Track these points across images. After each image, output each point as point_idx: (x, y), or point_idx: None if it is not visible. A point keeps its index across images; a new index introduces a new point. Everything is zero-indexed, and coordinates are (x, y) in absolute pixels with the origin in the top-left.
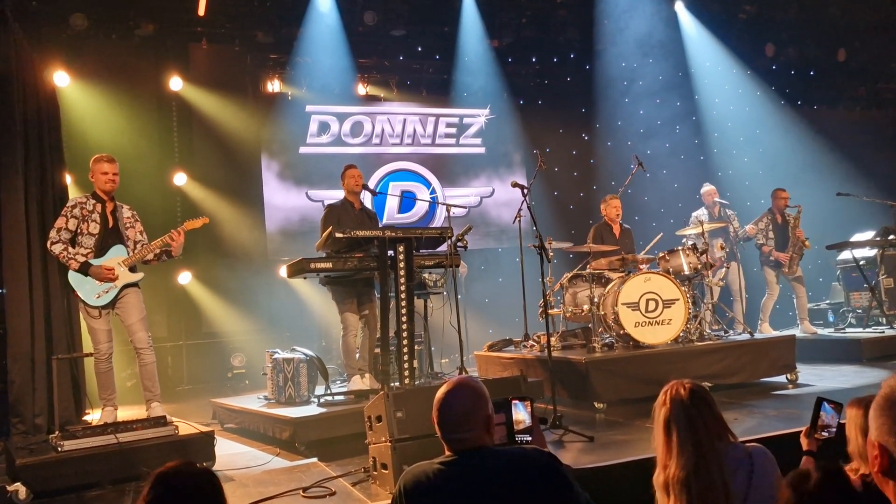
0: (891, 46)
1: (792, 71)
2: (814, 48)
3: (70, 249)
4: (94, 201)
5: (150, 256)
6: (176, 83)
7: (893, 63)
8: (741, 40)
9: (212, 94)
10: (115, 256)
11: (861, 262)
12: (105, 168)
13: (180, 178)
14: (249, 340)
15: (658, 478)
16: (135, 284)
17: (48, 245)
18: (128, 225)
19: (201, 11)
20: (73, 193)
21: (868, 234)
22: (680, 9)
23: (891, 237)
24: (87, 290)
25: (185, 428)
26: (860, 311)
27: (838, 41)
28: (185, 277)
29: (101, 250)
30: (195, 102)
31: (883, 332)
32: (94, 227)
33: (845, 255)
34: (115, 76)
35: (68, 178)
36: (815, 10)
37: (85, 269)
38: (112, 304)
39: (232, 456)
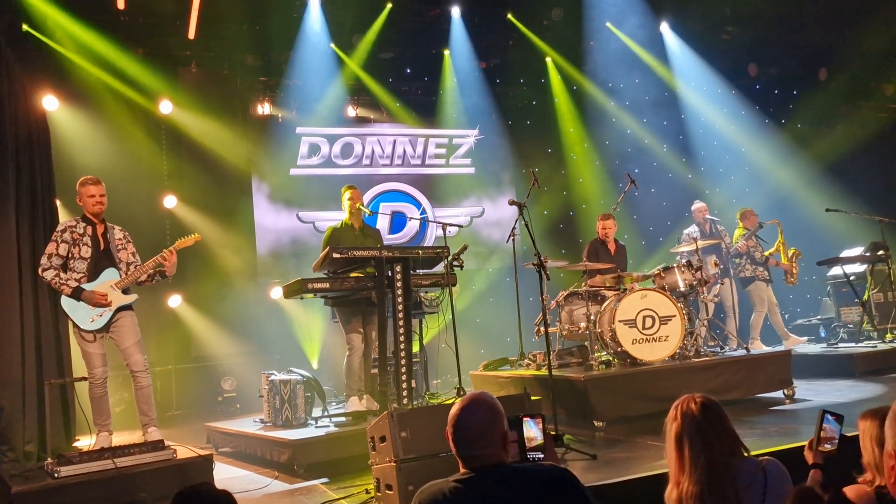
0: (870, 65)
1: (775, 90)
2: (796, 68)
3: (62, 275)
4: (84, 224)
5: (144, 277)
6: (166, 106)
7: (873, 82)
8: (725, 60)
9: (201, 117)
10: (108, 280)
11: (851, 278)
12: (91, 191)
13: (170, 201)
14: (240, 363)
15: (671, 494)
16: (129, 307)
17: (39, 272)
18: (119, 246)
19: (191, 35)
20: (64, 218)
21: (857, 250)
22: (665, 29)
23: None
24: (81, 314)
25: (183, 452)
26: (851, 326)
27: (819, 61)
28: (174, 300)
29: (93, 274)
30: (185, 125)
31: (875, 346)
32: (86, 251)
33: (835, 270)
34: (104, 100)
35: (58, 203)
36: (796, 30)
37: (77, 294)
38: (106, 328)
39: (230, 480)
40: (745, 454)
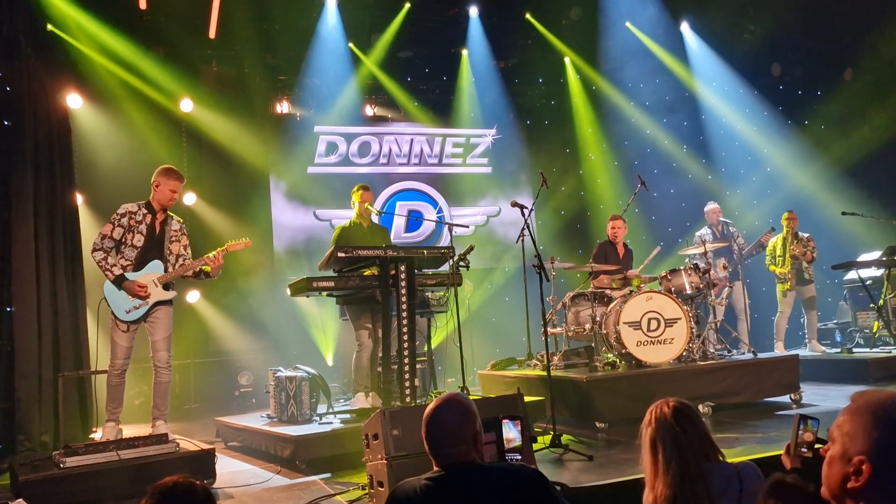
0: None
1: (799, 91)
2: (820, 68)
3: (109, 259)
4: (145, 211)
5: (188, 274)
6: (186, 105)
7: None
8: (746, 60)
9: (221, 116)
10: (151, 273)
11: (868, 282)
12: (175, 186)
13: (190, 199)
14: (256, 359)
15: (647, 498)
16: (168, 302)
17: (91, 251)
18: (173, 238)
19: (212, 34)
20: (84, 214)
21: (875, 254)
22: (685, 29)
23: None
24: (119, 303)
25: (187, 445)
26: (867, 330)
27: (844, 61)
28: (193, 296)
29: (140, 264)
30: (205, 124)
31: (890, 352)
32: (139, 239)
33: (852, 274)
34: (126, 98)
35: (79, 199)
36: (821, 29)
37: (119, 282)
38: (143, 319)
39: (233, 473)
40: (721, 458)
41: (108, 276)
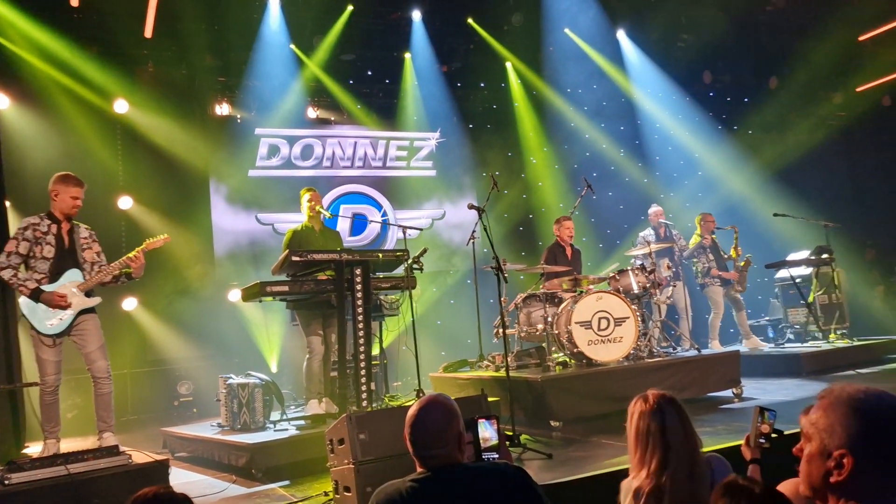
0: (819, 75)
1: (728, 98)
2: (748, 76)
3: (20, 275)
4: (49, 222)
5: (109, 279)
6: (121, 106)
7: (821, 91)
8: (680, 68)
9: (158, 117)
10: (70, 281)
11: (797, 280)
12: (76, 192)
13: (125, 202)
14: (197, 367)
15: (629, 486)
16: (92, 310)
17: None
18: (85, 246)
19: (148, 34)
20: (13, 219)
21: (803, 254)
22: (622, 36)
23: (824, 256)
24: (40, 317)
25: (139, 457)
26: (798, 326)
27: (771, 70)
28: (130, 303)
29: (55, 275)
30: (141, 125)
31: (820, 346)
32: (49, 251)
33: (783, 273)
34: (57, 98)
35: (7, 203)
36: (749, 39)
37: (36, 296)
38: (68, 332)
39: (187, 485)
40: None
41: (23, 291)
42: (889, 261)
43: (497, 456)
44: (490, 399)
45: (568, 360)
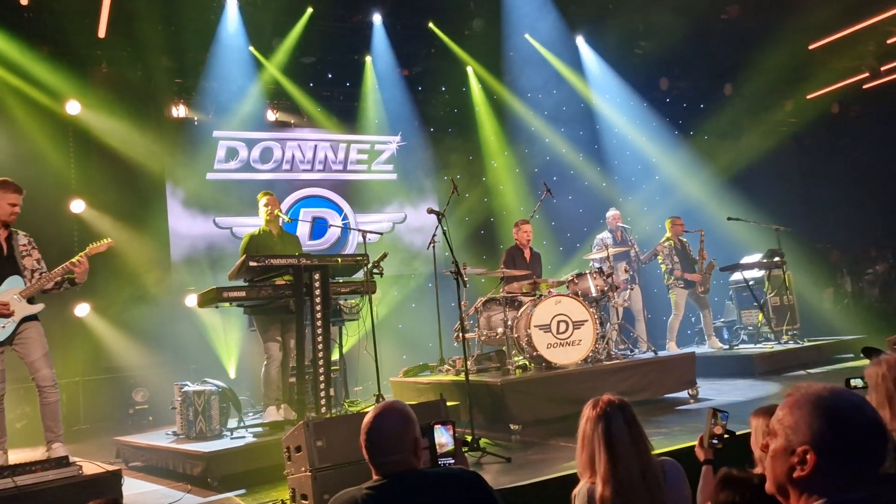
0: (772, 82)
1: (684, 104)
2: (703, 82)
3: None
4: None
5: (51, 285)
6: (73, 107)
7: (773, 98)
8: (637, 74)
9: (112, 119)
10: (11, 288)
11: (750, 283)
12: (13, 199)
13: (78, 206)
14: (152, 374)
15: (580, 491)
16: (34, 317)
17: None
18: (24, 253)
19: (101, 33)
20: None
21: (756, 257)
22: (581, 42)
23: (776, 259)
24: None
25: (90, 468)
26: (751, 328)
27: (725, 76)
28: (82, 309)
29: None
30: (94, 127)
31: (772, 347)
32: None
33: (737, 275)
34: (6, 99)
35: None
36: (704, 47)
37: None
38: (9, 341)
39: (140, 495)
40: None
41: None
42: (838, 264)
43: (453, 461)
44: (450, 403)
45: (528, 363)
